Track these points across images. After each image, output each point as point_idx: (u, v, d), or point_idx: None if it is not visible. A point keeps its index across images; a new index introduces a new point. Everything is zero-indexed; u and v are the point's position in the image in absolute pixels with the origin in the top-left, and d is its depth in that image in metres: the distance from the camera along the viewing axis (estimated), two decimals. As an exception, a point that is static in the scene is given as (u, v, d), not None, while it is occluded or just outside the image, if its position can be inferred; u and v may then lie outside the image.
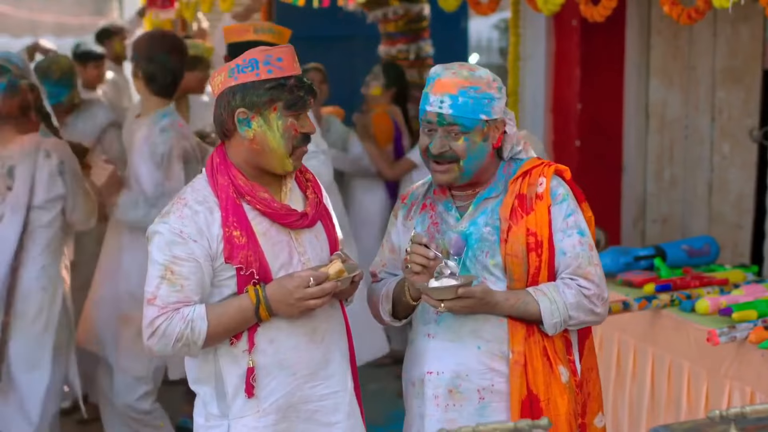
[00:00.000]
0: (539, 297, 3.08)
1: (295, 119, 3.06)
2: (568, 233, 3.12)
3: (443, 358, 3.14)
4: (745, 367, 4.04)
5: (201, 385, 3.14)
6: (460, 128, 3.06)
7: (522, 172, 3.15)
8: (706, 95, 5.77)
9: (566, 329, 3.16)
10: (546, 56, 6.39)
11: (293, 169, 3.11)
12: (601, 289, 3.14)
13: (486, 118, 3.08)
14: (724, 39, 5.62)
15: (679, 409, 4.36)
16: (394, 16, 8.01)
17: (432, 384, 3.15)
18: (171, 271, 2.99)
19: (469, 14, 10.16)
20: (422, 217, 3.23)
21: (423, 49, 8.16)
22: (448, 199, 3.21)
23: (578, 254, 3.11)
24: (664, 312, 4.51)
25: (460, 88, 3.07)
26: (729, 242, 5.58)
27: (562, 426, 3.10)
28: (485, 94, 3.08)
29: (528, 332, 3.11)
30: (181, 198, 3.08)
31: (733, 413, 2.23)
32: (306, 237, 3.13)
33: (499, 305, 3.07)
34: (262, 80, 3.02)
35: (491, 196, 3.16)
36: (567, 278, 3.11)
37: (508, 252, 3.09)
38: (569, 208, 3.13)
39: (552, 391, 3.10)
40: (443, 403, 3.14)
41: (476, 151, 3.09)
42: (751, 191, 5.55)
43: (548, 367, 3.11)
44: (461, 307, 3.02)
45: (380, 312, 3.31)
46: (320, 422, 3.15)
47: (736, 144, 5.61)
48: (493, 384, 3.11)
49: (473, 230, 3.13)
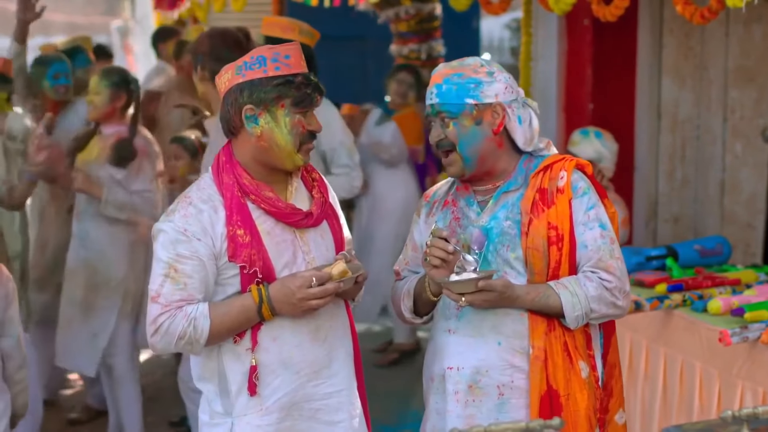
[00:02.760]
0: (560, 290, 3.07)
1: (303, 116, 3.06)
2: (589, 226, 3.11)
3: (464, 354, 3.14)
4: (758, 367, 4.03)
5: (205, 382, 3.14)
6: (446, 115, 3.10)
7: (543, 166, 3.15)
8: (718, 95, 5.76)
9: (587, 324, 3.15)
10: (558, 56, 6.39)
11: (302, 164, 3.12)
12: (623, 282, 3.12)
13: (474, 102, 3.09)
14: (737, 39, 5.61)
15: (691, 410, 4.35)
16: (405, 15, 8.02)
17: (452, 380, 3.15)
18: (175, 269, 2.99)
19: (480, 14, 10.17)
20: (444, 213, 3.23)
21: (434, 49, 8.17)
22: (470, 194, 3.21)
23: (599, 247, 3.10)
24: (676, 312, 4.50)
25: (445, 76, 3.12)
26: (741, 242, 5.57)
27: (582, 422, 3.09)
28: (470, 79, 3.10)
29: (549, 327, 3.10)
30: (186, 196, 3.08)
31: (745, 414, 2.23)
32: (311, 236, 3.13)
33: (519, 299, 3.07)
34: (270, 77, 3.02)
35: (511, 189, 3.15)
36: (588, 271, 3.10)
37: (529, 245, 3.08)
38: (590, 201, 3.12)
39: (572, 386, 3.09)
40: (463, 399, 3.13)
41: (468, 135, 3.10)
42: (763, 191, 5.54)
43: (568, 363, 3.10)
44: (482, 301, 3.02)
45: (401, 309, 3.31)
46: (323, 421, 3.15)
47: (748, 144, 5.60)
48: (513, 380, 3.10)
49: (494, 224, 3.13)
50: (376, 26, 8.32)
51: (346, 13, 7.95)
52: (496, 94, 3.11)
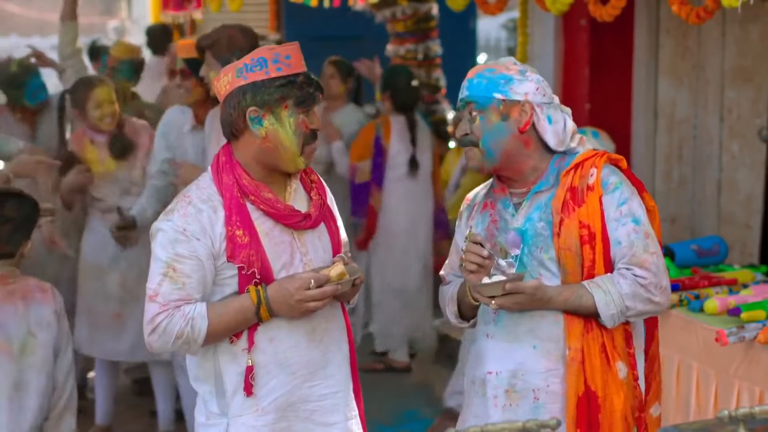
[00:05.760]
0: (593, 289, 3.05)
1: (305, 116, 3.08)
2: (622, 222, 3.09)
3: (501, 359, 3.14)
4: (754, 367, 4.03)
5: (201, 383, 3.15)
6: (474, 106, 3.11)
7: (574, 164, 3.14)
8: (715, 95, 5.76)
9: (627, 322, 3.13)
10: (554, 56, 6.39)
11: (304, 166, 3.13)
12: (659, 278, 3.09)
13: (502, 97, 3.10)
14: (733, 39, 5.61)
15: (687, 410, 4.35)
16: (402, 15, 8.01)
17: (492, 384, 3.16)
18: (173, 269, 3.00)
19: (477, 14, 10.16)
20: (483, 216, 3.24)
21: (431, 49, 8.15)
22: (507, 196, 3.21)
23: (633, 242, 3.08)
24: (673, 312, 4.50)
25: (478, 71, 3.17)
26: (738, 242, 5.57)
27: (617, 423, 3.08)
28: (501, 75, 3.12)
29: (586, 328, 3.09)
30: (186, 196, 3.09)
31: (742, 414, 2.22)
32: (309, 238, 3.13)
33: (552, 300, 3.06)
34: (272, 78, 3.03)
35: (542, 189, 3.15)
36: (623, 268, 3.08)
37: (561, 246, 3.07)
38: (622, 196, 3.10)
39: (609, 388, 3.08)
40: (501, 403, 3.14)
41: (493, 130, 3.11)
42: (760, 191, 5.53)
43: (606, 364, 3.08)
44: (512, 304, 3.02)
45: (448, 314, 3.32)
46: (318, 422, 3.15)
47: (745, 144, 5.60)
48: (549, 385, 3.10)
49: (528, 226, 3.13)
50: (372, 26, 8.31)
51: (343, 14, 7.93)
52: (526, 93, 3.12)
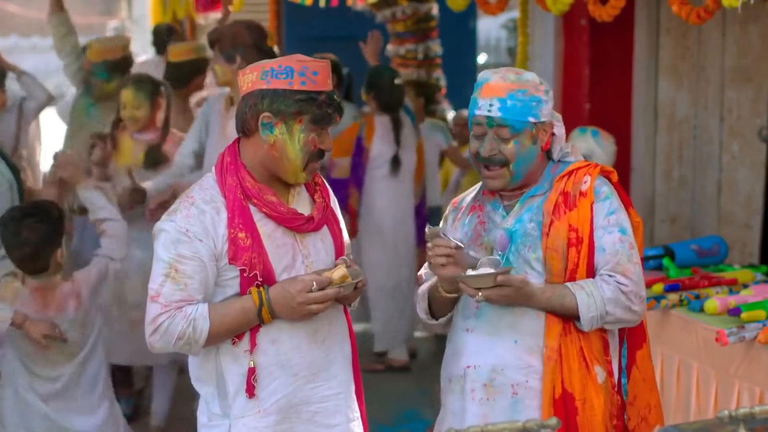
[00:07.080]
0: (576, 290, 3.08)
1: (317, 135, 3.07)
2: (608, 230, 3.13)
3: (481, 353, 3.15)
4: (755, 367, 4.03)
5: (203, 384, 3.15)
6: (509, 130, 3.11)
7: (568, 171, 3.19)
8: (715, 95, 5.76)
9: (604, 330, 3.16)
10: (554, 56, 6.39)
11: (304, 182, 3.13)
12: (639, 288, 3.13)
13: (534, 120, 3.13)
14: (733, 39, 5.61)
15: (688, 410, 4.35)
16: (402, 15, 8.02)
17: (470, 378, 3.16)
18: (175, 270, 2.99)
19: (477, 14, 10.17)
20: (470, 218, 3.25)
21: (431, 49, 8.17)
22: (497, 199, 3.23)
23: (618, 251, 3.12)
24: (673, 312, 4.50)
25: (509, 91, 3.12)
26: (738, 242, 5.57)
27: (598, 426, 3.10)
28: (533, 97, 3.13)
29: (564, 330, 3.11)
30: (189, 196, 3.08)
31: (742, 413, 2.22)
32: (311, 240, 3.13)
33: (535, 297, 3.08)
34: (294, 90, 3.02)
35: (537, 193, 3.18)
36: (606, 275, 3.12)
37: (548, 246, 3.10)
38: (612, 206, 3.15)
39: (588, 391, 3.10)
40: (478, 397, 3.15)
41: (526, 154, 3.13)
42: (760, 191, 5.53)
43: (584, 368, 3.11)
44: (499, 296, 3.03)
45: (418, 311, 3.32)
46: (321, 424, 3.15)
47: (745, 144, 5.60)
48: (528, 380, 3.11)
49: (518, 227, 3.15)
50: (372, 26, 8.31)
51: (343, 14, 7.95)
52: (549, 113, 3.17)
